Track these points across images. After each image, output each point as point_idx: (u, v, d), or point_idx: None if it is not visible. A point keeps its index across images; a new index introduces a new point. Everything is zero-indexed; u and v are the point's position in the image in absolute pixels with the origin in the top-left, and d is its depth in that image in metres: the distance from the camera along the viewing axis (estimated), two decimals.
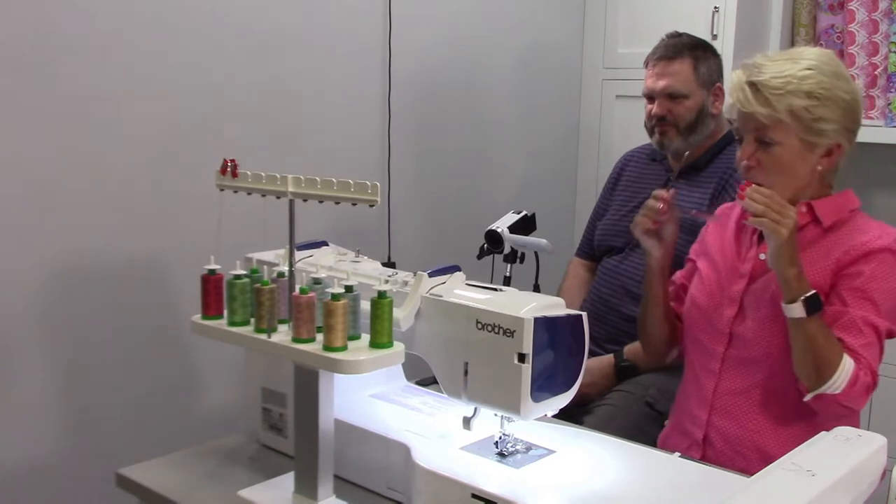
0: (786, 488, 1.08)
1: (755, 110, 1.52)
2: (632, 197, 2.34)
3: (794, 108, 1.50)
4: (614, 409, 2.01)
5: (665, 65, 2.19)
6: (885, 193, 3.03)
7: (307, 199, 1.26)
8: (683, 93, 2.17)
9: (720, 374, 1.63)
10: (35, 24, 1.83)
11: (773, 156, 1.54)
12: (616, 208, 2.37)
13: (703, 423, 1.65)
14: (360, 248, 1.54)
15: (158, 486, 1.39)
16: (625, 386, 2.08)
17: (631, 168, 2.40)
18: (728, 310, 1.62)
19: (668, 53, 2.20)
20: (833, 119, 1.52)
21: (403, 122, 2.63)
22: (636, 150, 2.46)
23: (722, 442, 1.63)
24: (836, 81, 1.52)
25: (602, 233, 2.37)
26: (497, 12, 2.94)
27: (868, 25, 2.91)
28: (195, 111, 2.12)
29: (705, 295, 1.67)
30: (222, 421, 2.22)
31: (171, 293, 2.10)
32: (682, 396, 1.75)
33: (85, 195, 1.94)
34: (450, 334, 1.29)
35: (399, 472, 1.32)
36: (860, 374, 1.46)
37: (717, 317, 1.64)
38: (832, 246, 1.55)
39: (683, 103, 2.17)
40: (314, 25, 2.37)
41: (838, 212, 1.58)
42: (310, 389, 1.26)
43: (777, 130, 1.52)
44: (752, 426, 1.60)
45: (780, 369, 1.54)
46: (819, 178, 1.58)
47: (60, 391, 1.95)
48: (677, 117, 2.17)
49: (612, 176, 2.46)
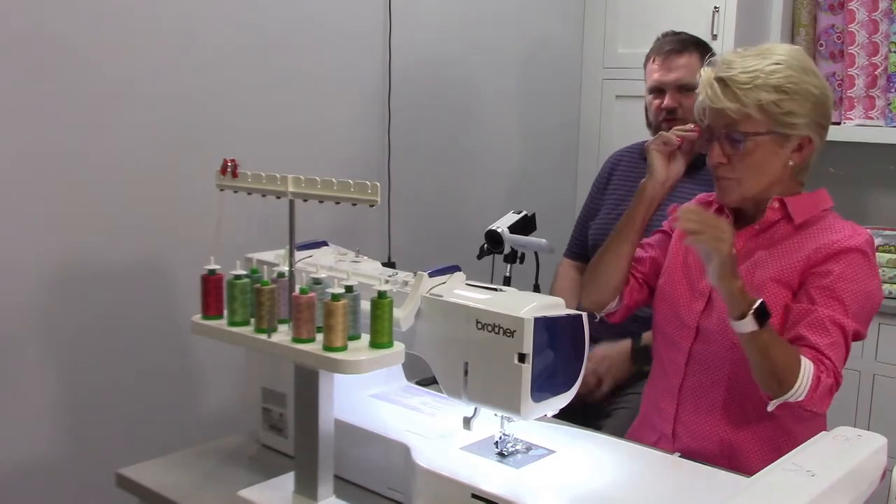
0: (786, 488, 1.08)
1: (724, 106, 1.53)
2: (625, 196, 2.30)
3: (763, 102, 1.51)
4: (633, 412, 1.99)
5: (675, 58, 2.19)
6: (885, 193, 3.03)
7: (307, 199, 1.26)
8: (694, 84, 2.15)
9: (686, 368, 1.63)
10: (35, 25, 1.83)
11: (744, 151, 1.54)
12: (609, 208, 2.34)
13: (670, 416, 1.65)
14: (360, 248, 1.54)
15: (158, 486, 1.39)
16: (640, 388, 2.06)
17: (622, 168, 2.38)
18: (696, 304, 1.62)
19: (676, 47, 2.20)
20: (802, 113, 1.52)
21: (403, 122, 2.63)
22: (624, 150, 2.44)
23: (689, 437, 1.62)
24: (804, 76, 1.53)
25: (596, 233, 2.35)
26: (497, 13, 2.94)
27: (868, 25, 2.91)
28: (195, 111, 2.12)
29: (674, 288, 1.67)
30: (222, 421, 2.22)
31: (171, 293, 2.10)
32: (650, 389, 1.75)
33: (85, 195, 1.94)
34: (450, 334, 1.29)
35: (399, 472, 1.32)
36: (821, 376, 1.44)
37: (685, 310, 1.63)
38: (803, 243, 1.55)
39: (693, 96, 2.16)
40: (314, 25, 2.37)
41: (810, 210, 1.58)
42: (310, 389, 1.26)
43: (746, 125, 1.52)
44: (717, 421, 1.59)
45: (744, 365, 1.52)
46: (790, 173, 1.58)
47: (60, 391, 1.95)
48: (687, 110, 2.14)
49: (602, 175, 2.44)
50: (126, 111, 2.00)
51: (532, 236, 2.24)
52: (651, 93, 2.25)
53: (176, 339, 2.11)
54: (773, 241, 1.57)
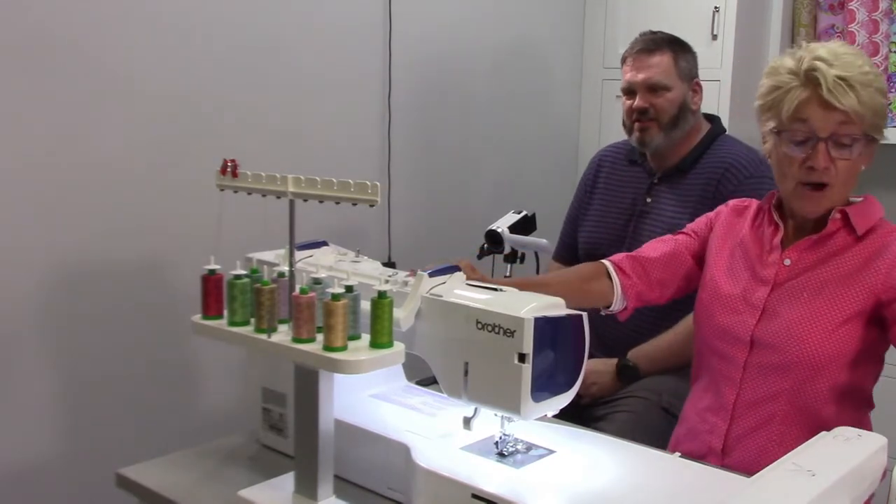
0: (786, 488, 1.07)
1: (849, 106, 1.43)
2: (612, 201, 2.29)
3: (878, 105, 1.46)
4: (634, 415, 1.98)
5: (645, 58, 2.16)
6: (885, 193, 3.03)
7: (307, 199, 1.26)
8: (665, 84, 2.14)
9: (742, 383, 1.58)
10: (35, 25, 1.83)
11: (850, 156, 1.47)
12: (598, 213, 2.31)
13: (722, 432, 1.60)
14: (360, 248, 1.54)
15: (158, 486, 1.39)
16: (637, 392, 2.05)
17: (607, 170, 2.35)
18: (749, 317, 1.57)
19: (647, 46, 2.17)
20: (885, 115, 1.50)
21: (403, 122, 2.63)
22: (610, 148, 2.40)
23: (742, 451, 1.58)
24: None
25: (587, 239, 2.31)
26: (497, 13, 2.94)
27: (868, 25, 2.91)
28: (195, 111, 2.12)
29: (721, 302, 1.62)
30: (222, 421, 2.22)
31: (171, 293, 2.10)
32: (696, 402, 1.69)
33: (85, 195, 1.95)
34: (450, 334, 1.29)
35: (399, 472, 1.32)
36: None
37: (736, 324, 1.58)
38: (871, 258, 1.50)
39: (665, 95, 2.14)
40: (314, 25, 2.37)
41: (870, 219, 1.53)
42: (310, 389, 1.26)
43: (854, 128, 1.45)
44: (776, 437, 1.54)
45: (807, 375, 1.50)
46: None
47: (60, 391, 1.95)
48: (659, 111, 2.14)
49: (588, 176, 2.39)
50: (126, 111, 2.00)
51: (532, 236, 2.24)
52: (624, 94, 2.22)
53: (176, 339, 2.11)
54: (831, 253, 1.53)
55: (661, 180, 2.20)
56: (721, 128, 2.24)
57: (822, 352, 1.50)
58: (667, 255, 1.72)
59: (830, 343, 1.49)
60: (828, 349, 1.50)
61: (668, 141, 2.15)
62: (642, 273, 1.71)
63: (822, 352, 1.50)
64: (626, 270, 1.70)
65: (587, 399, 2.09)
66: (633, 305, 1.72)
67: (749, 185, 2.04)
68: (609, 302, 1.70)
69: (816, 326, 1.50)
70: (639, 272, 1.71)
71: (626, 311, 1.73)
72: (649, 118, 2.15)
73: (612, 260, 1.73)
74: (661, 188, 2.20)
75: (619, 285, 1.69)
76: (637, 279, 1.70)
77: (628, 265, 1.71)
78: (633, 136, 2.20)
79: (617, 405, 2.06)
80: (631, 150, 2.30)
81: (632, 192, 2.25)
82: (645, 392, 2.04)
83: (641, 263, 1.71)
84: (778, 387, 1.54)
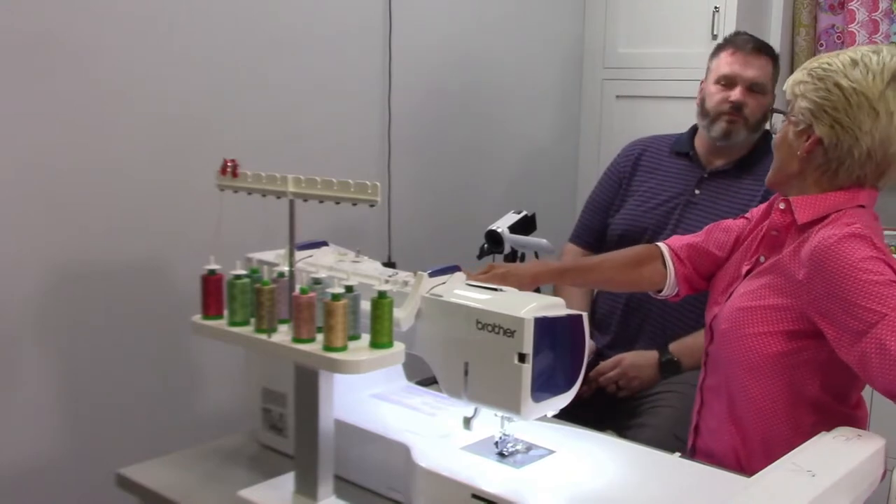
0: (786, 488, 1.08)
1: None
2: (656, 189, 2.28)
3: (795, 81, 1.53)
4: (677, 410, 1.98)
5: (754, 57, 2.16)
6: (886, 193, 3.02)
7: (307, 199, 1.26)
8: (766, 88, 2.16)
9: (706, 368, 1.64)
10: (35, 24, 1.83)
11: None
12: (641, 199, 2.29)
13: (696, 412, 1.67)
14: (360, 248, 1.54)
15: (158, 486, 1.39)
16: (673, 386, 2.05)
17: (650, 159, 2.34)
18: (716, 307, 1.61)
19: (757, 45, 2.18)
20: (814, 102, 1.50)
21: (403, 122, 2.63)
22: (650, 139, 2.39)
23: (707, 433, 1.63)
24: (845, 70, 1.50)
25: (624, 224, 2.28)
26: (497, 12, 2.94)
27: (868, 25, 2.91)
28: (195, 111, 2.12)
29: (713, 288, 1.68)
30: (222, 421, 2.22)
31: (171, 293, 2.10)
32: None
33: (85, 195, 1.94)
34: (450, 334, 1.29)
35: (399, 472, 1.32)
36: None
37: (708, 311, 1.64)
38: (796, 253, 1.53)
39: (761, 99, 2.16)
40: (314, 25, 2.37)
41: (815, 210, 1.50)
42: (310, 389, 1.26)
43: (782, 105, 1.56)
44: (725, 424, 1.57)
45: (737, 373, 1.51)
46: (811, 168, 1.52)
47: (60, 391, 1.95)
48: (753, 110, 2.14)
49: (624, 164, 2.36)
50: (126, 111, 1.99)
51: (532, 236, 2.23)
52: (718, 82, 2.19)
53: (176, 339, 2.11)
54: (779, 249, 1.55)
55: (713, 176, 2.21)
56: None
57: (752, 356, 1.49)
58: (726, 250, 1.70)
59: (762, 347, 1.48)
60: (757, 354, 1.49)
61: (747, 140, 2.18)
62: (699, 262, 1.71)
63: (751, 355, 1.49)
64: (682, 257, 1.70)
65: (626, 392, 2.09)
66: (685, 292, 1.72)
67: None
68: (660, 287, 1.71)
69: (750, 329, 1.49)
70: (695, 261, 1.71)
71: (677, 297, 1.74)
72: (740, 114, 2.15)
73: (668, 244, 1.72)
74: (712, 183, 2.20)
75: (672, 271, 1.69)
76: (692, 268, 1.70)
77: (685, 253, 1.70)
78: (716, 125, 2.18)
79: (656, 400, 2.05)
80: (676, 141, 2.31)
81: (681, 182, 2.25)
82: (681, 386, 2.04)
83: (699, 253, 1.71)
84: (719, 379, 1.57)
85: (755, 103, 2.15)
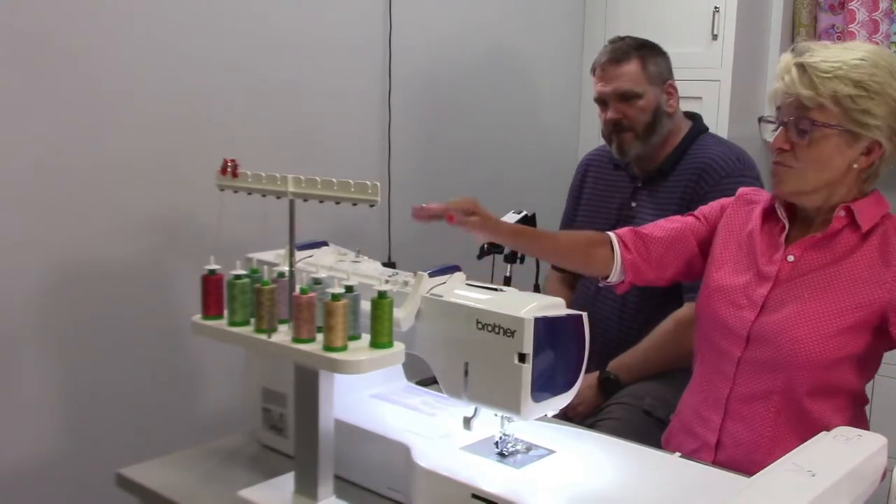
0: (786, 488, 1.08)
1: (799, 92, 1.46)
2: (599, 206, 2.29)
3: (840, 94, 1.44)
4: (618, 422, 1.97)
5: (613, 68, 2.14)
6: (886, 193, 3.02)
7: (307, 199, 1.26)
8: (635, 92, 2.12)
9: (735, 378, 1.58)
10: (35, 24, 1.83)
11: (809, 142, 1.47)
12: (586, 218, 2.32)
13: (716, 427, 1.60)
14: (360, 248, 1.54)
15: (158, 486, 1.39)
16: (620, 399, 2.05)
17: (593, 174, 2.35)
18: (749, 312, 1.56)
19: (614, 56, 2.15)
20: (879, 115, 1.46)
21: (403, 122, 2.63)
22: (595, 152, 2.40)
23: (735, 447, 1.58)
24: (889, 78, 1.46)
25: None
26: (497, 13, 2.94)
27: (868, 25, 2.91)
28: (195, 111, 2.12)
29: (724, 294, 1.62)
30: (222, 421, 2.22)
31: (171, 293, 2.10)
32: (690, 395, 1.70)
33: (85, 195, 1.94)
34: (450, 334, 1.29)
35: (399, 472, 1.32)
36: None
37: (736, 319, 1.58)
38: (877, 256, 1.50)
39: (636, 104, 2.13)
40: (314, 25, 2.37)
41: (875, 215, 1.52)
42: (310, 389, 1.26)
43: (817, 115, 1.46)
44: (769, 433, 1.54)
45: (799, 375, 1.50)
46: (855, 177, 1.52)
47: (60, 391, 1.95)
48: (633, 120, 2.13)
49: (576, 182, 2.40)
50: (126, 111, 1.99)
51: None
52: (597, 104, 2.21)
53: (176, 339, 2.11)
54: (839, 255, 1.52)
55: (645, 184, 2.20)
56: (701, 126, 2.23)
57: (817, 354, 1.49)
58: (671, 237, 1.73)
59: (827, 347, 1.49)
60: (823, 353, 1.49)
61: (646, 148, 2.15)
62: (643, 250, 1.72)
63: (816, 354, 1.49)
64: (627, 244, 1.72)
65: (576, 419, 2.07)
66: (630, 280, 1.74)
67: (725, 184, 2.02)
68: (608, 272, 1.72)
69: (814, 329, 1.49)
70: (640, 248, 1.72)
71: (623, 285, 1.75)
72: (624, 129, 2.14)
73: (616, 232, 1.75)
74: (644, 193, 2.20)
75: (619, 257, 1.71)
76: (637, 255, 1.72)
77: (630, 239, 1.73)
78: (612, 147, 2.20)
79: (602, 414, 2.05)
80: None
81: (618, 197, 2.26)
82: (627, 398, 2.03)
83: (644, 240, 1.73)
84: (770, 384, 1.54)
85: (633, 111, 2.13)
